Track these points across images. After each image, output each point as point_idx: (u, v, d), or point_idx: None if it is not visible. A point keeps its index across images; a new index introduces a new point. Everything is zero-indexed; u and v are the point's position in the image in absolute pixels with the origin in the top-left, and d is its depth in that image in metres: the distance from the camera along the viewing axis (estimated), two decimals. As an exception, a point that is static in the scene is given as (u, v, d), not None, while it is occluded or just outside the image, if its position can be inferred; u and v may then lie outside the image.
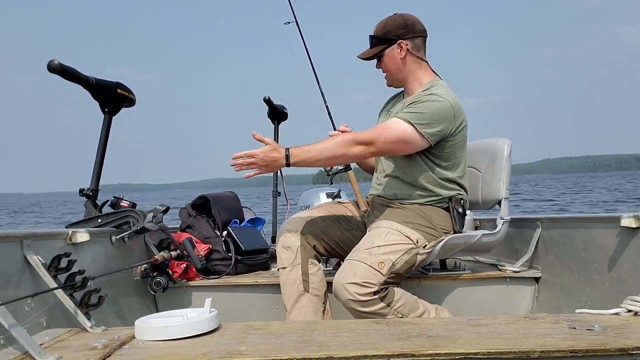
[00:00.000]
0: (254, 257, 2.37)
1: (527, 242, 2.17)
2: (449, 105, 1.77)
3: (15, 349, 1.07)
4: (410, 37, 1.88)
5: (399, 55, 1.89)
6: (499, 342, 1.06)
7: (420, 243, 1.80)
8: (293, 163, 1.69)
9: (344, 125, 2.01)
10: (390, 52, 1.90)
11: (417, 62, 1.91)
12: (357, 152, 1.75)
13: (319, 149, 1.71)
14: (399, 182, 1.93)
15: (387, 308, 1.68)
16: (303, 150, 1.71)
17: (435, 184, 1.88)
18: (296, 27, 2.46)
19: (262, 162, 1.68)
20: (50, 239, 1.47)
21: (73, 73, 2.00)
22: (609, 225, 1.68)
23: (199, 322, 1.22)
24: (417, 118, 1.74)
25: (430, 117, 1.74)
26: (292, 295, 1.84)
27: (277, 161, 1.68)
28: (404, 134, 1.74)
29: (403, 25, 1.88)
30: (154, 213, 1.96)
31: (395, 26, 1.88)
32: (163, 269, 2.03)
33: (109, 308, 1.70)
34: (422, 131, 1.74)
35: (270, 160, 1.68)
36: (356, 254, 1.74)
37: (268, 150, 1.67)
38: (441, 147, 1.83)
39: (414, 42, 1.89)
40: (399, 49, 1.88)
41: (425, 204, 1.89)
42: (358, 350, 1.03)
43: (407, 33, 1.88)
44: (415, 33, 1.89)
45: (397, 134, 1.74)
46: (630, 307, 1.26)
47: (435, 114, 1.75)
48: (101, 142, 2.19)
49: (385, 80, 2.01)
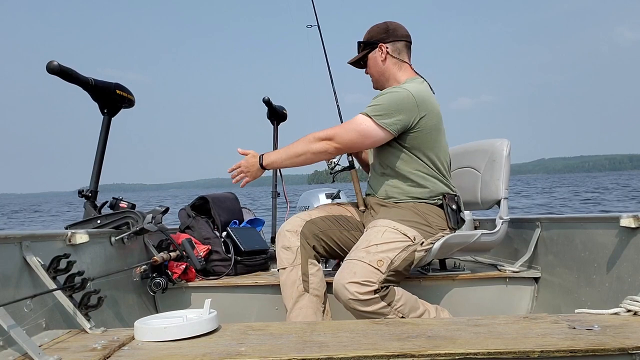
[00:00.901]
0: (253, 257, 2.37)
1: (526, 242, 2.17)
2: (408, 94, 1.81)
3: (15, 350, 1.07)
4: (391, 40, 1.97)
5: (380, 57, 1.98)
6: (499, 343, 1.06)
7: (417, 240, 1.81)
8: (266, 165, 1.91)
9: None
10: (372, 56, 1.99)
11: (397, 64, 1.98)
12: (320, 147, 1.85)
13: (286, 149, 1.88)
14: (386, 179, 1.96)
15: (388, 307, 1.68)
16: (274, 152, 1.93)
17: (418, 178, 1.90)
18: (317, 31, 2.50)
19: (246, 169, 1.94)
20: (50, 240, 1.47)
21: (72, 74, 2.00)
22: (608, 225, 1.68)
23: (199, 323, 1.22)
24: (374, 110, 1.81)
25: (387, 108, 1.80)
26: (292, 295, 1.85)
27: (255, 165, 1.92)
28: (361, 127, 1.82)
29: (385, 30, 1.99)
30: (153, 214, 1.96)
31: (377, 31, 2.00)
32: (162, 270, 2.03)
33: (108, 309, 1.70)
34: (380, 122, 1.80)
35: (250, 165, 1.93)
36: (355, 253, 1.75)
37: (249, 157, 1.94)
38: (412, 138, 1.86)
39: (395, 46, 1.98)
40: (380, 52, 1.98)
41: (419, 201, 1.90)
42: (358, 351, 1.03)
43: (388, 37, 1.98)
44: (396, 37, 1.98)
45: (355, 127, 1.83)
46: (630, 307, 1.26)
47: (393, 104, 1.80)
48: (100, 143, 2.19)
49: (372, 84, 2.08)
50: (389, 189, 1.95)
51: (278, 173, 3.03)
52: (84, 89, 2.09)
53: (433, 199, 1.91)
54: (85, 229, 1.82)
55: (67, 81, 2.00)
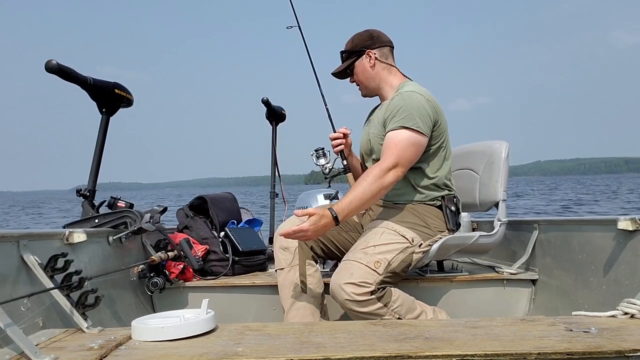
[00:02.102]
0: (251, 258, 2.36)
1: (524, 244, 2.17)
2: (424, 99, 1.83)
3: (11, 349, 1.06)
4: (377, 46, 1.97)
5: (368, 64, 1.96)
6: (496, 344, 1.06)
7: (416, 242, 1.81)
8: (342, 219, 1.71)
9: (344, 128, 2.07)
10: (360, 63, 1.98)
11: (386, 68, 1.98)
12: (392, 178, 1.76)
13: (355, 194, 1.72)
14: None
15: (385, 308, 1.68)
16: (345, 203, 1.72)
17: (421, 180, 1.90)
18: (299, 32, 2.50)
19: (314, 234, 1.69)
20: (47, 239, 1.47)
21: (71, 73, 1.99)
22: (605, 227, 1.69)
23: (196, 323, 1.22)
24: (408, 120, 1.78)
25: (415, 115, 1.79)
26: (290, 296, 1.85)
27: (328, 226, 1.70)
28: (411, 140, 1.78)
29: (369, 37, 1.98)
30: (152, 214, 1.96)
31: (362, 39, 1.98)
32: (160, 269, 2.03)
33: (105, 308, 1.70)
34: (419, 129, 1.78)
35: (321, 227, 1.69)
36: (352, 254, 1.75)
37: (316, 220, 1.67)
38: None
39: (382, 51, 1.97)
40: (367, 58, 1.96)
41: (418, 203, 1.90)
42: (355, 352, 1.03)
43: (373, 44, 1.97)
44: (381, 43, 1.98)
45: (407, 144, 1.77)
46: (627, 310, 1.27)
47: (417, 109, 1.80)
48: (98, 142, 2.19)
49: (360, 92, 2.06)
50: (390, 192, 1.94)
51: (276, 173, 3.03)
52: (82, 88, 2.08)
53: (432, 200, 1.91)
54: (83, 228, 1.81)
55: (66, 80, 2.00)
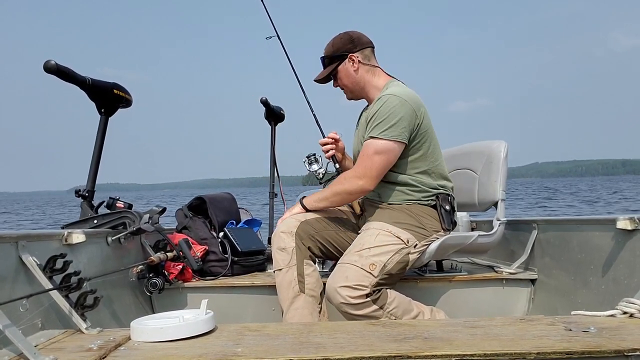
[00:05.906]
0: (250, 258, 2.36)
1: (523, 244, 2.17)
2: (402, 101, 1.80)
3: (10, 351, 1.06)
4: (358, 49, 1.95)
5: (352, 68, 1.95)
6: (495, 344, 1.06)
7: (411, 243, 1.81)
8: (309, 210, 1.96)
9: (333, 133, 2.08)
10: (343, 68, 1.96)
11: (370, 70, 1.97)
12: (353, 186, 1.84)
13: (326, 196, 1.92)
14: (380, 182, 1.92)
15: (380, 310, 1.68)
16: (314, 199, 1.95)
17: (410, 179, 1.89)
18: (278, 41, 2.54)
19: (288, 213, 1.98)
20: (46, 240, 1.46)
21: (69, 73, 1.99)
22: (604, 227, 1.69)
23: (195, 323, 1.22)
24: (379, 129, 1.79)
25: (389, 121, 1.78)
26: (288, 296, 1.84)
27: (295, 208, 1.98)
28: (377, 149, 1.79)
29: (350, 40, 1.96)
30: (150, 214, 1.96)
31: (342, 43, 1.96)
32: (159, 270, 2.03)
33: (104, 309, 1.69)
34: (390, 137, 1.78)
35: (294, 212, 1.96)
36: (347, 257, 1.75)
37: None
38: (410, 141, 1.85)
39: (364, 53, 1.96)
40: (351, 62, 1.95)
41: (412, 203, 1.90)
42: (354, 352, 1.03)
43: (355, 47, 1.95)
44: (362, 45, 1.96)
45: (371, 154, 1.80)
46: (626, 309, 1.27)
47: (392, 115, 1.78)
48: (97, 143, 2.19)
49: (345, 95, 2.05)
50: (382, 191, 1.94)
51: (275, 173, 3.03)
52: (81, 89, 2.08)
53: (426, 199, 1.91)
54: (82, 228, 1.81)
55: (64, 80, 2.00)
